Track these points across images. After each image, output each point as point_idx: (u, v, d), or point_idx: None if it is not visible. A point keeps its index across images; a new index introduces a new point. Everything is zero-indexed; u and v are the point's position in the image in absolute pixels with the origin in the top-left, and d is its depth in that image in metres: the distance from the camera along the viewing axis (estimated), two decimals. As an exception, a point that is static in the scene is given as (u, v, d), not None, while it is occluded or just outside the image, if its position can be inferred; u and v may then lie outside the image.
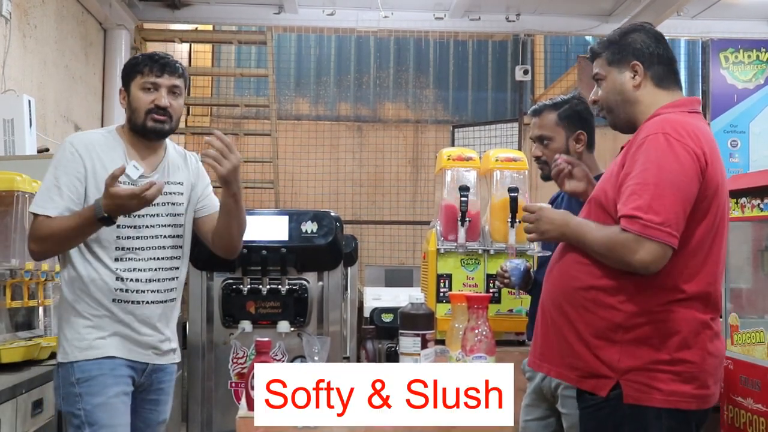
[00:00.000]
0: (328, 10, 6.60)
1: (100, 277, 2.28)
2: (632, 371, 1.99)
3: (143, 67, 2.38)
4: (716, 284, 2.06)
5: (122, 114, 2.47)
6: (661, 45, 2.17)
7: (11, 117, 3.42)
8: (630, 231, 1.95)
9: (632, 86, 2.15)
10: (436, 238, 3.21)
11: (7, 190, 2.54)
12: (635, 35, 2.17)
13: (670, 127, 2.02)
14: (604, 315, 2.02)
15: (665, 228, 1.93)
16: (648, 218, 1.93)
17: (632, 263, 1.97)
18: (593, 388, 2.03)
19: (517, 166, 3.22)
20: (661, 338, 1.98)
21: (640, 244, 1.94)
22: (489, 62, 8.64)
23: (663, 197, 1.94)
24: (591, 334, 2.03)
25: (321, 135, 7.70)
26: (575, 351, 2.06)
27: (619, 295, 2.01)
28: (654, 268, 1.96)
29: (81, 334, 2.27)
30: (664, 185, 1.95)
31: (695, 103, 2.18)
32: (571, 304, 2.08)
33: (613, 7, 6.69)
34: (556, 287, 2.14)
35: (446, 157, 3.28)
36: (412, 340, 2.12)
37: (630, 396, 1.98)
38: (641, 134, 2.05)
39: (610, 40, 2.21)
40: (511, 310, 3.14)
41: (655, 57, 2.15)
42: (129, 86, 2.41)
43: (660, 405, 1.97)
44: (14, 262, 2.54)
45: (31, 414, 2.41)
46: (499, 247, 3.16)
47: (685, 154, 1.97)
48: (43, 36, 4.64)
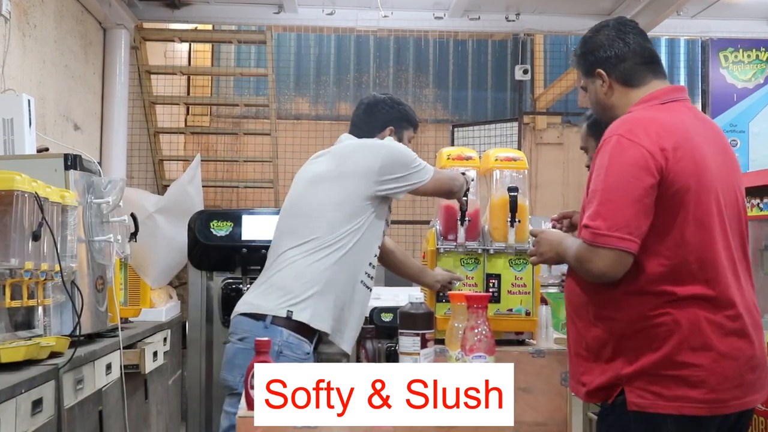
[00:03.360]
0: (328, 10, 6.59)
1: None
2: (636, 378, 1.96)
3: None
4: (716, 282, 1.96)
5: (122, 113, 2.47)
6: (623, 40, 2.12)
7: (11, 116, 3.42)
8: (584, 241, 1.94)
9: (603, 93, 2.14)
10: (435, 237, 3.20)
11: (6, 189, 2.54)
12: (595, 39, 2.15)
13: (625, 127, 1.98)
14: (605, 326, 2.01)
15: (613, 233, 1.89)
16: (595, 225, 1.92)
17: (592, 273, 1.96)
18: (603, 399, 2.03)
19: (517, 166, 3.21)
20: (660, 341, 1.94)
21: (593, 252, 1.93)
22: (489, 62, 8.64)
23: (610, 202, 1.92)
24: (597, 347, 2.03)
25: (321, 134, 7.69)
26: (585, 365, 2.07)
27: (612, 306, 1.99)
28: (613, 275, 1.93)
29: None
30: (611, 189, 1.93)
31: (672, 92, 2.11)
32: (580, 319, 2.09)
33: (613, 6, 6.69)
34: (569, 304, 2.16)
35: (446, 157, 3.28)
36: (412, 340, 2.12)
37: (633, 403, 1.95)
38: (603, 138, 2.03)
39: (575, 51, 2.22)
40: (511, 309, 3.14)
41: (614, 57, 2.11)
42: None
43: (664, 411, 1.92)
44: (13, 261, 2.54)
45: (30, 414, 2.41)
46: (499, 246, 3.16)
47: (636, 154, 1.93)
48: (42, 35, 4.64)
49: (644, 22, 6.45)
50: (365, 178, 2.74)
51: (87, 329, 3.09)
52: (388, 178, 2.76)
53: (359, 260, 2.77)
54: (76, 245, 2.98)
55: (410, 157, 2.83)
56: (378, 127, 2.98)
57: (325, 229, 2.71)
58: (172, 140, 7.38)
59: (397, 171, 2.77)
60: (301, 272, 2.69)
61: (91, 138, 5.67)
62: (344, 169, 2.77)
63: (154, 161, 6.76)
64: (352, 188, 2.74)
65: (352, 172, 2.75)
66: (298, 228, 2.76)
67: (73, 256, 2.94)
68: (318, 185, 2.79)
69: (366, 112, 3.02)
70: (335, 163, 2.81)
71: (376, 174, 2.74)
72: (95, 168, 3.36)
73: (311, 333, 2.67)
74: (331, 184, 2.76)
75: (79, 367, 2.86)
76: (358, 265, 2.77)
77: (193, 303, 4.22)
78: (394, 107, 3.02)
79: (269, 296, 2.70)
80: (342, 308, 2.73)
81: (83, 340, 3.02)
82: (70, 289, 2.86)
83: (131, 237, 3.87)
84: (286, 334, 2.63)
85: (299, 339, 2.64)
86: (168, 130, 7.15)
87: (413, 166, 2.81)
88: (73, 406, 2.79)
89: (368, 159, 2.77)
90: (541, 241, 2.21)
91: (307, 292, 2.66)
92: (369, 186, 2.74)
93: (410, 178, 2.80)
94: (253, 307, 2.71)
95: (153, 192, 6.20)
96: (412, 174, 2.80)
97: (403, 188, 2.80)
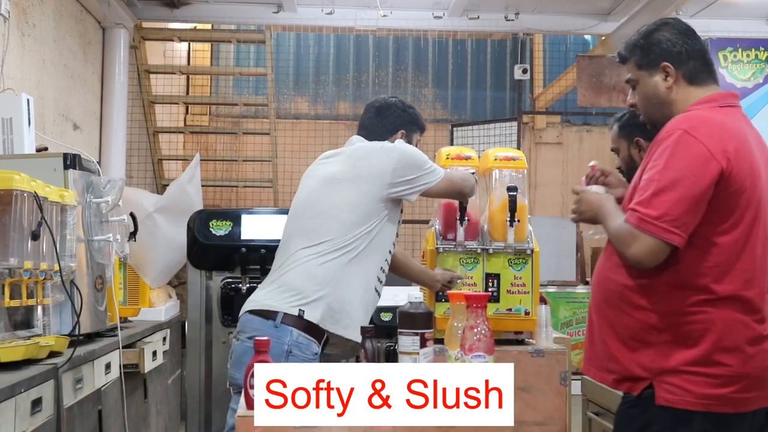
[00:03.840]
0: (327, 9, 6.59)
1: None
2: (666, 373, 1.98)
3: None
4: (754, 285, 1.99)
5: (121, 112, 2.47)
6: (689, 39, 2.12)
7: (10, 116, 3.41)
8: (629, 223, 1.97)
9: (665, 88, 2.12)
10: (435, 236, 3.20)
11: (5, 189, 2.53)
12: (660, 34, 2.13)
13: (689, 124, 2.00)
14: (638, 317, 2.03)
15: (660, 223, 1.92)
16: (645, 212, 1.94)
17: (627, 256, 1.98)
18: (629, 390, 2.05)
19: (516, 165, 3.21)
20: (695, 339, 1.96)
21: (634, 237, 1.95)
22: (488, 61, 8.64)
23: (664, 193, 1.94)
24: (627, 337, 2.04)
25: (320, 134, 7.70)
26: (613, 354, 2.07)
27: (650, 296, 2.01)
28: (647, 263, 1.95)
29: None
30: (669, 182, 1.94)
31: (729, 97, 2.13)
32: (610, 307, 2.09)
33: (612, 5, 6.69)
34: (598, 289, 2.16)
35: (445, 156, 3.28)
36: (411, 339, 2.12)
37: (661, 397, 1.98)
38: (664, 131, 2.04)
39: (635, 42, 2.17)
40: (510, 309, 3.14)
41: (684, 54, 2.10)
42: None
43: (692, 408, 1.95)
44: (12, 261, 2.53)
45: (30, 413, 2.41)
46: (498, 246, 3.16)
47: (698, 152, 1.95)
48: (41, 35, 4.64)
49: (644, 22, 6.43)
50: (379, 180, 2.76)
51: (86, 329, 3.08)
52: (401, 180, 2.78)
53: (371, 263, 2.78)
54: (75, 245, 2.98)
55: (422, 159, 2.86)
56: (390, 130, 3.00)
57: (339, 230, 2.72)
58: (171, 140, 7.38)
59: (409, 173, 2.79)
60: (313, 273, 2.69)
61: (91, 137, 5.67)
62: (359, 171, 2.79)
63: (153, 161, 6.76)
64: (366, 190, 2.75)
65: (367, 174, 2.77)
66: (311, 229, 2.77)
67: (72, 256, 2.94)
68: (332, 187, 2.80)
69: (377, 115, 3.03)
70: (349, 164, 2.82)
71: (389, 176, 2.76)
72: (94, 167, 3.36)
73: (320, 334, 2.68)
74: (345, 185, 2.77)
75: (78, 367, 2.86)
76: (371, 267, 2.78)
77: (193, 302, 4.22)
78: (406, 111, 3.05)
79: (280, 295, 2.70)
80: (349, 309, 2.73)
81: (82, 340, 3.02)
82: (69, 288, 2.86)
83: (130, 236, 3.86)
84: (296, 334, 2.63)
85: (308, 339, 2.64)
86: (167, 129, 7.15)
87: (425, 168, 2.84)
88: (72, 406, 2.79)
89: (382, 161, 2.79)
90: (582, 200, 2.25)
91: (318, 292, 2.66)
92: (382, 188, 2.76)
93: (422, 179, 2.82)
94: (263, 305, 2.71)
95: (152, 191, 6.20)
96: (424, 175, 2.83)
97: (415, 189, 2.82)
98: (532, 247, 3.16)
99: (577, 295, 6.77)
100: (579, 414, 3.81)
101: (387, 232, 2.82)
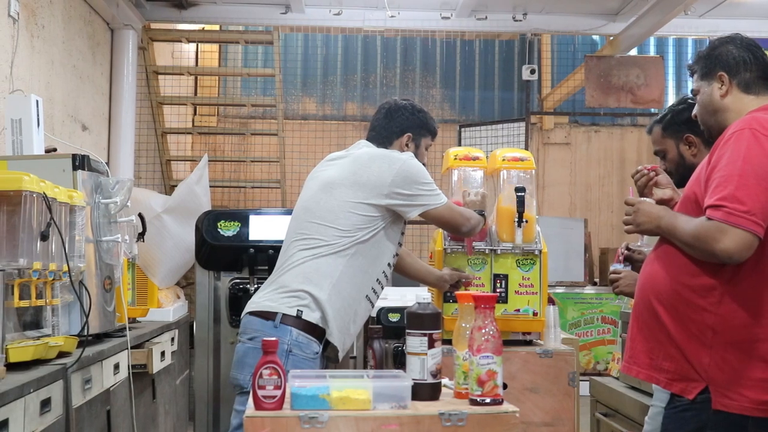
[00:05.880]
0: (335, 10, 6.60)
1: None
2: (728, 382, 1.97)
3: None
4: None
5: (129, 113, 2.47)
6: (750, 52, 2.19)
7: (19, 117, 3.43)
8: (714, 219, 1.95)
9: (719, 95, 2.18)
10: (442, 237, 3.20)
11: (15, 189, 2.54)
12: (724, 47, 2.21)
13: (757, 123, 2.03)
14: (695, 317, 2.02)
15: (750, 216, 1.92)
16: (732, 207, 1.94)
17: (716, 252, 1.96)
18: (681, 391, 2.04)
19: (524, 166, 3.21)
20: (754, 344, 1.96)
21: (723, 232, 1.94)
22: (496, 62, 8.64)
23: (748, 187, 1.94)
24: (683, 336, 2.04)
25: (328, 134, 7.71)
26: (666, 352, 2.07)
27: (711, 296, 2.01)
28: (738, 257, 1.94)
29: None
30: (750, 176, 1.95)
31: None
32: (663, 305, 2.09)
33: (621, 6, 6.68)
34: (650, 288, 2.15)
35: (453, 157, 3.28)
36: (419, 340, 2.11)
37: (718, 402, 1.97)
38: (728, 132, 2.06)
39: (700, 54, 2.26)
40: (518, 309, 3.14)
41: (742, 65, 2.17)
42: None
43: (747, 413, 1.95)
44: (22, 261, 2.54)
45: (39, 413, 2.42)
46: (506, 247, 3.15)
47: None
48: (50, 36, 4.66)
49: (652, 22, 6.43)
50: (376, 188, 2.75)
51: (95, 329, 3.10)
52: (398, 192, 2.76)
53: (366, 273, 2.77)
54: (84, 245, 2.99)
55: (425, 178, 2.82)
56: (396, 132, 2.98)
57: (333, 234, 2.72)
58: (179, 140, 7.40)
59: (407, 188, 2.77)
60: (309, 275, 2.70)
61: (99, 138, 5.69)
62: (357, 177, 2.78)
63: (161, 161, 6.78)
64: (363, 197, 2.74)
65: (365, 181, 2.76)
66: (308, 231, 2.77)
67: (81, 256, 2.94)
68: (330, 191, 2.79)
69: (386, 116, 3.02)
70: (351, 170, 2.82)
71: (387, 186, 2.75)
72: (103, 168, 3.37)
73: (320, 334, 2.68)
74: (343, 191, 2.77)
75: (87, 367, 2.87)
76: (365, 277, 2.77)
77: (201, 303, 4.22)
78: (415, 114, 3.02)
79: (279, 296, 2.71)
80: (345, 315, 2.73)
81: (91, 340, 3.03)
82: (78, 289, 2.87)
83: (139, 237, 3.87)
84: (295, 334, 2.64)
85: (308, 339, 2.65)
86: (175, 130, 7.16)
87: (425, 188, 2.80)
88: (81, 406, 2.80)
89: (383, 170, 2.78)
90: (639, 211, 2.24)
91: (315, 294, 2.67)
92: (378, 197, 2.75)
93: (421, 199, 2.79)
94: (262, 307, 2.73)
95: (160, 192, 6.21)
96: (423, 195, 2.79)
97: (411, 207, 2.79)
98: (540, 248, 3.15)
99: (586, 295, 6.75)
100: (587, 415, 3.80)
101: (384, 244, 2.80)
